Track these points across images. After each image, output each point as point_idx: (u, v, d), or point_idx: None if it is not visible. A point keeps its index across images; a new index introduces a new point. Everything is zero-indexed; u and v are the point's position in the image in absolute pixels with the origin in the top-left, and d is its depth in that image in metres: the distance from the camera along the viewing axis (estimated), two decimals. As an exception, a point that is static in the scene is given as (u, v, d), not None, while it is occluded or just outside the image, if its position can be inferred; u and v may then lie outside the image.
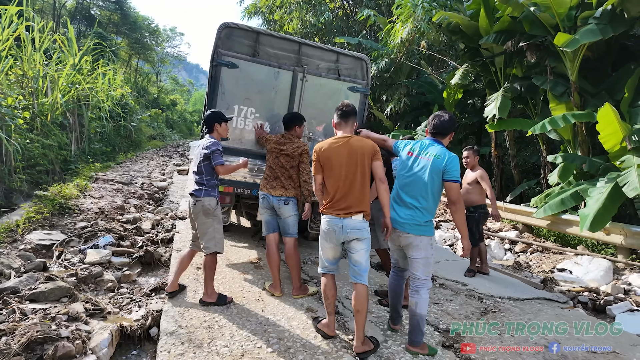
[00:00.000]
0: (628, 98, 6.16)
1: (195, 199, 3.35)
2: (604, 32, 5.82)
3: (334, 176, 2.85)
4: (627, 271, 5.22)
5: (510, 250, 6.50)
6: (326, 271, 2.96)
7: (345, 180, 2.80)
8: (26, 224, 4.85)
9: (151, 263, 4.43)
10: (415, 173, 2.85)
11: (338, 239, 2.83)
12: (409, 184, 2.87)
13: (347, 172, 2.81)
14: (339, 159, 2.83)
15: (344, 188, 2.81)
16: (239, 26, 4.17)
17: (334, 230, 2.81)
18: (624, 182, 5.12)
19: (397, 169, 3.01)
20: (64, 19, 21.16)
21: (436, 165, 2.78)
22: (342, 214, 2.78)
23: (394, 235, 2.92)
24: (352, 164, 2.81)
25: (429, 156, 2.83)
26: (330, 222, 2.82)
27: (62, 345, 2.47)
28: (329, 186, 2.88)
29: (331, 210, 2.83)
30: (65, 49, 10.68)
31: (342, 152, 2.84)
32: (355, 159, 2.81)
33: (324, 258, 2.96)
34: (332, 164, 2.85)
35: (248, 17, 18.63)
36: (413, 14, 9.55)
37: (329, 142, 2.92)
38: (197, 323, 3.01)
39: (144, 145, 19.03)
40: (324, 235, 2.91)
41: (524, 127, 7.50)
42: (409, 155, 2.93)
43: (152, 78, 36.62)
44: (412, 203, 2.83)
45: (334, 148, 2.86)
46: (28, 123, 7.62)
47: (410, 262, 2.89)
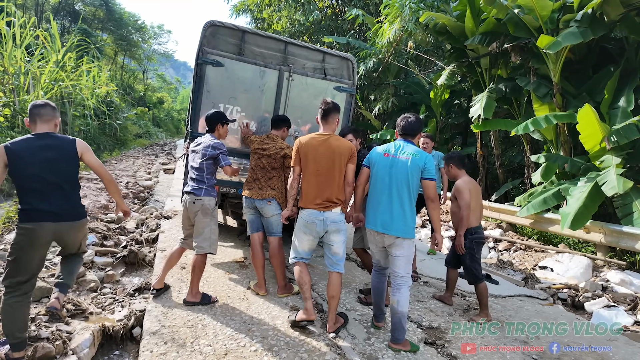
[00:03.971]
0: (608, 99, 6.32)
1: (194, 197, 3.29)
2: (585, 35, 5.95)
3: (313, 171, 2.98)
4: (606, 268, 5.36)
5: (494, 249, 6.61)
6: (300, 260, 3.07)
7: (325, 176, 2.96)
8: (6, 224, 4.75)
9: (135, 263, 4.39)
10: (396, 172, 2.89)
11: (319, 231, 2.97)
12: (392, 184, 2.90)
13: (327, 168, 2.97)
14: (318, 155, 2.97)
15: (323, 183, 2.96)
16: (224, 24, 4.15)
17: (314, 223, 2.94)
18: (603, 182, 5.26)
19: (375, 171, 3.02)
20: (47, 14, 20.74)
21: (416, 163, 2.85)
22: (322, 207, 2.94)
23: (378, 238, 2.97)
24: (330, 161, 2.96)
25: (407, 155, 2.89)
26: (311, 215, 2.96)
27: (41, 346, 2.44)
28: (308, 180, 3.00)
29: (311, 204, 2.95)
30: (48, 45, 10.49)
31: (321, 149, 2.98)
32: (333, 157, 2.96)
33: (300, 249, 3.06)
34: (312, 158, 2.97)
35: (236, 15, 18.52)
36: (400, 14, 9.62)
37: (310, 137, 3.04)
38: (181, 322, 2.99)
39: (129, 143, 18.78)
40: (303, 228, 3.01)
41: (508, 128, 7.62)
42: (385, 156, 2.97)
43: (139, 75, 36.15)
44: (396, 203, 2.88)
45: (315, 144, 3.00)
46: (9, 121, 7.46)
47: (393, 260, 2.94)
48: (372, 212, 2.97)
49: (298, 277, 3.06)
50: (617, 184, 5.05)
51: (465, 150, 11.04)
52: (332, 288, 2.98)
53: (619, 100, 6.23)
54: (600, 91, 6.66)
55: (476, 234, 3.57)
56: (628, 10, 6.01)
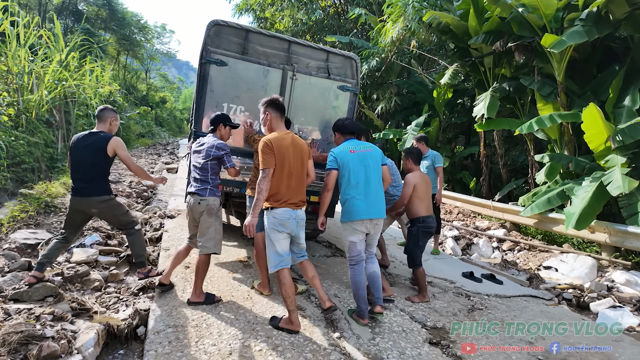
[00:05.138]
0: (612, 99, 6.28)
1: (199, 198, 3.31)
2: (590, 34, 5.92)
3: (287, 171, 2.97)
4: (611, 268, 5.33)
5: (498, 249, 6.59)
6: (285, 264, 2.99)
7: (296, 175, 3.02)
8: (10, 223, 4.76)
9: (139, 262, 4.39)
10: (370, 164, 3.33)
11: (292, 229, 3.03)
12: (369, 175, 3.29)
13: (297, 167, 3.03)
14: (289, 155, 2.99)
15: (295, 182, 3.02)
16: (228, 24, 4.14)
17: (290, 221, 2.98)
18: (608, 181, 5.22)
19: (351, 167, 3.30)
20: (51, 14, 20.79)
21: (377, 153, 3.43)
22: (295, 206, 3.02)
23: (370, 225, 3.26)
24: (298, 160, 3.04)
25: (367, 148, 3.41)
26: (286, 213, 2.97)
27: (46, 345, 2.44)
28: (280, 180, 2.96)
29: (286, 203, 2.97)
30: (51, 45, 10.50)
31: (292, 149, 3.01)
32: (300, 156, 3.06)
33: (281, 250, 2.99)
34: (286, 159, 2.96)
35: (239, 14, 18.52)
36: (404, 13, 9.60)
37: (278, 137, 2.99)
38: (185, 322, 2.99)
39: (132, 143, 18.81)
40: (279, 227, 2.96)
41: (512, 127, 7.59)
42: (352, 153, 3.34)
43: (141, 75, 36.22)
44: (379, 190, 3.33)
45: (285, 144, 2.98)
46: (13, 120, 7.49)
47: (373, 243, 3.39)
48: (363, 203, 3.23)
49: (286, 286, 2.92)
50: (623, 183, 5.01)
51: (469, 150, 11.01)
52: (310, 270, 3.17)
53: (624, 100, 6.18)
54: (604, 90, 6.62)
55: (424, 223, 3.91)
56: (633, 9, 5.97)
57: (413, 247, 3.91)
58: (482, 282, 4.69)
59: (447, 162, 10.37)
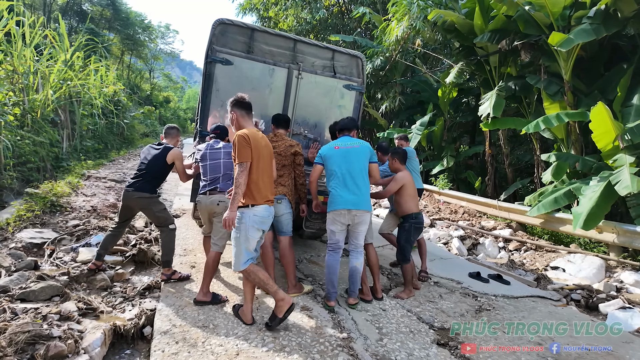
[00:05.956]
0: (620, 97, 6.21)
1: (218, 199, 3.48)
2: (598, 32, 5.86)
3: (261, 166, 2.95)
4: (619, 269, 5.27)
5: (504, 249, 6.53)
6: (252, 262, 2.99)
7: (268, 172, 3.04)
8: (17, 222, 4.77)
9: (144, 262, 4.37)
10: (353, 159, 3.49)
11: (268, 225, 3.07)
12: (352, 169, 3.46)
13: (268, 164, 3.04)
14: (264, 152, 2.99)
15: (267, 178, 3.03)
16: (233, 22, 4.12)
17: (268, 218, 3.03)
18: (616, 181, 5.16)
19: (333, 161, 3.52)
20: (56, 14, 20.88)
21: (365, 149, 3.56)
22: (271, 202, 3.06)
23: (349, 216, 3.43)
24: (269, 158, 3.07)
25: (354, 144, 3.55)
26: (266, 210, 3.00)
27: (54, 345, 2.43)
28: (258, 175, 2.92)
29: (264, 200, 2.98)
30: (56, 45, 10.53)
31: (265, 146, 3.03)
32: (271, 153, 3.12)
33: (252, 248, 2.96)
34: (260, 154, 2.94)
35: (242, 13, 18.54)
36: (408, 12, 9.55)
37: (254, 132, 2.96)
38: (192, 322, 2.98)
39: (136, 142, 18.89)
40: (260, 225, 2.96)
41: (518, 126, 7.53)
42: (336, 149, 3.54)
43: (145, 75, 36.33)
44: (361, 184, 3.46)
45: (260, 141, 2.96)
46: (18, 120, 7.51)
47: (357, 235, 3.52)
48: (344, 193, 3.43)
49: (261, 274, 2.95)
50: (631, 183, 4.95)
51: (474, 149, 10.95)
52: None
53: (632, 98, 6.12)
54: (612, 89, 6.56)
55: (416, 219, 4.04)
56: (642, 6, 5.90)
57: (405, 243, 4.01)
58: (489, 283, 4.65)
59: (452, 162, 10.32)
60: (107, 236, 3.85)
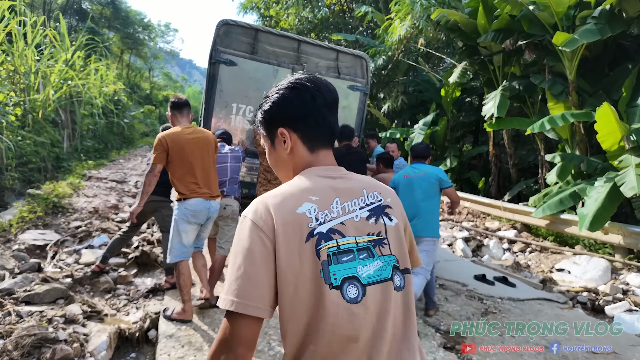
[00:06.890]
0: (626, 97, 6.17)
1: (224, 203, 3.42)
2: (603, 32, 5.82)
3: (187, 163, 2.94)
4: (625, 271, 5.24)
5: (509, 250, 6.50)
6: (186, 257, 3.01)
7: (202, 167, 3.00)
8: (19, 224, 4.74)
9: (147, 264, 4.34)
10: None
11: (203, 219, 3.05)
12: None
13: (200, 159, 2.99)
14: (188, 148, 2.95)
15: (201, 173, 3.00)
16: (237, 23, 4.10)
17: (202, 211, 2.99)
18: (622, 182, 5.12)
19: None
20: (56, 13, 20.83)
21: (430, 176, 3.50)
22: (207, 196, 3.01)
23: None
24: (206, 153, 3.04)
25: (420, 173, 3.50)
26: (200, 204, 2.97)
27: (60, 349, 2.41)
28: (184, 172, 2.94)
29: (198, 194, 2.96)
30: (57, 44, 10.50)
31: (192, 142, 2.97)
32: (208, 148, 3.06)
33: (186, 242, 2.99)
34: (183, 152, 2.93)
35: (243, 12, 18.48)
36: (411, 11, 9.51)
37: (174, 132, 2.96)
38: (197, 325, 2.95)
39: (136, 142, 18.86)
40: (191, 218, 2.96)
41: (522, 126, 7.49)
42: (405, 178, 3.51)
43: (145, 74, 36.23)
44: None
45: (190, 138, 2.96)
46: (19, 120, 7.48)
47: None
48: None
49: (183, 277, 2.96)
50: (637, 184, 4.90)
51: (477, 149, 10.91)
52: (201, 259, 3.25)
53: (638, 99, 6.08)
54: (617, 89, 6.51)
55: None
56: (647, 6, 5.86)
57: None
58: (494, 285, 4.62)
59: (455, 162, 10.28)
60: (115, 240, 3.82)
